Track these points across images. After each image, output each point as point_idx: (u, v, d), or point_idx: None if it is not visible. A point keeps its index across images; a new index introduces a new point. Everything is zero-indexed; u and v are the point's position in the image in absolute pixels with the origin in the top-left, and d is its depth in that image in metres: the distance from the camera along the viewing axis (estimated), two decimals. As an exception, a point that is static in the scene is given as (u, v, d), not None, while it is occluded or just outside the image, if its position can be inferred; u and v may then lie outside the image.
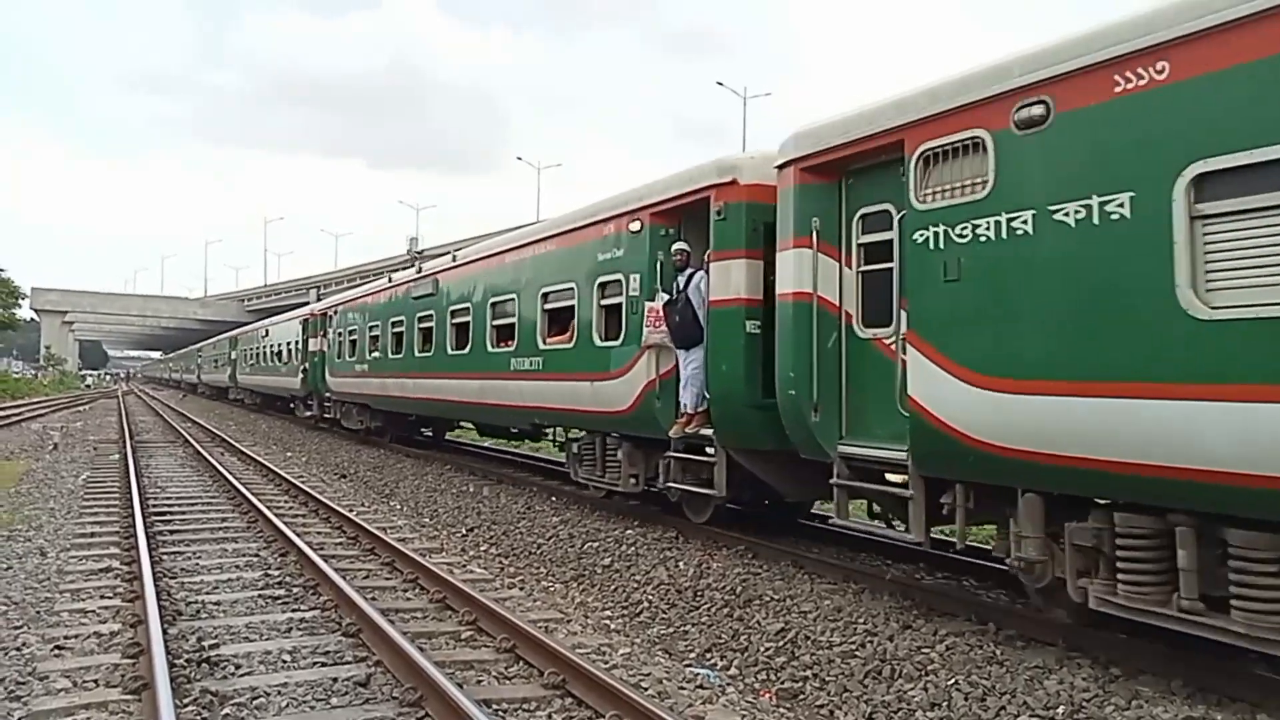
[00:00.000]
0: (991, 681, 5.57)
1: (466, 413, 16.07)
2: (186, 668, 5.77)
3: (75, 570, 8.68)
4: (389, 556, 9.28)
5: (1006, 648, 6.05)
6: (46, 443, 21.94)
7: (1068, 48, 5.39)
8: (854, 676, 5.96)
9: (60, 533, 10.54)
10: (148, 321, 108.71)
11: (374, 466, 17.95)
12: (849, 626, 6.69)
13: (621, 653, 6.55)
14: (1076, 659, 5.76)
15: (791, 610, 7.17)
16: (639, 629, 7.44)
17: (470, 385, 14.25)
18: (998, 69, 5.82)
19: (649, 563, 8.93)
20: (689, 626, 7.30)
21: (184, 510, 12.35)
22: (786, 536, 9.40)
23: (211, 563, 9.11)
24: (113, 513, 12.00)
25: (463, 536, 11.28)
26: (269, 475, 16.50)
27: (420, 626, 6.92)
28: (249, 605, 7.48)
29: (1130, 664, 5.60)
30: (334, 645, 6.37)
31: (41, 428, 27.08)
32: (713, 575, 8.22)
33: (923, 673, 5.83)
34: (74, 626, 6.82)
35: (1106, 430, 5.06)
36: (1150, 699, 5.15)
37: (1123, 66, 5.04)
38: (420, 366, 16.70)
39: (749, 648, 6.68)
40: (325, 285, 76.44)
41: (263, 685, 5.53)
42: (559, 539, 10.37)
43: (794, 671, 6.19)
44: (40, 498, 13.27)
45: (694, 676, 6.17)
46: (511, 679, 5.87)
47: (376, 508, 13.45)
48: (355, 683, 5.64)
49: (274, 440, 25.17)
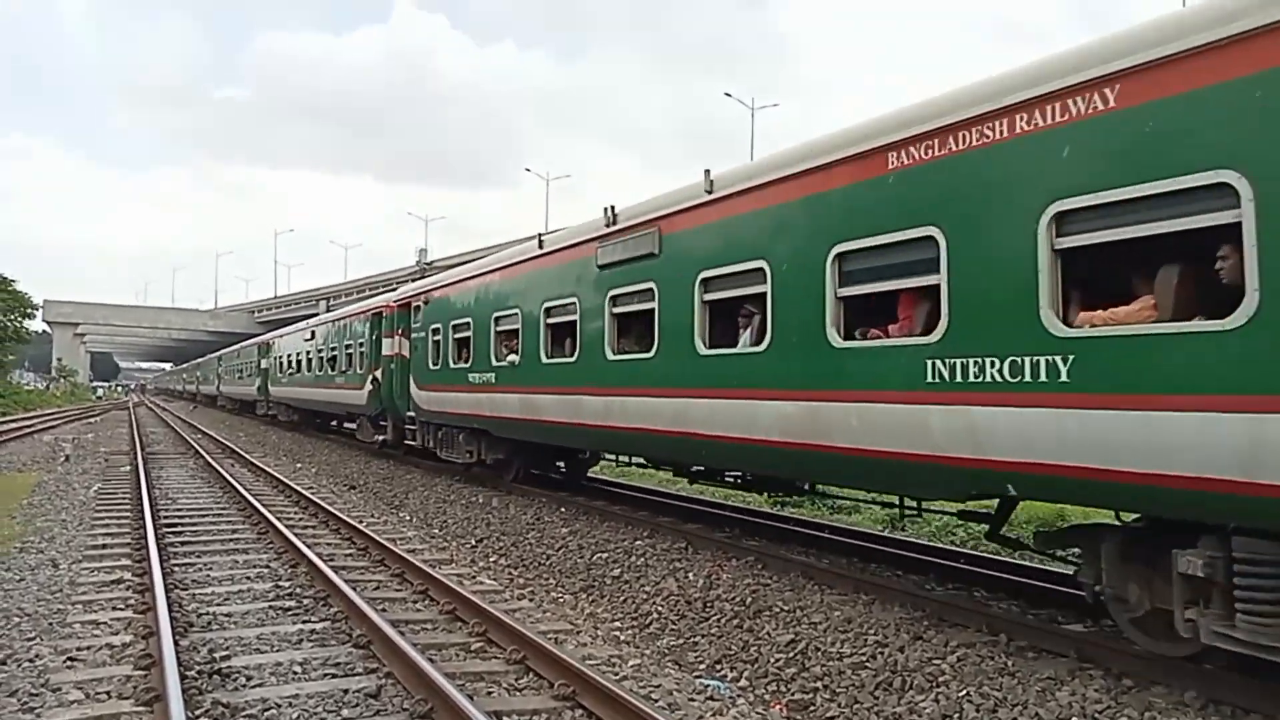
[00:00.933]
0: (1003, 693, 5.54)
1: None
2: (198, 679, 5.79)
3: (87, 582, 8.72)
4: (399, 568, 9.29)
5: (1018, 659, 6.02)
6: (58, 455, 22.05)
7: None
8: (865, 688, 5.94)
9: (72, 544, 10.59)
10: (159, 333, 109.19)
11: (383, 478, 17.97)
12: (859, 637, 6.67)
13: (631, 664, 6.55)
14: (1089, 670, 5.73)
15: (802, 621, 7.15)
16: (649, 640, 7.43)
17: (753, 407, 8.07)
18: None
19: (658, 573, 8.92)
20: (699, 638, 7.29)
21: (195, 521, 12.39)
22: (796, 546, 9.37)
23: (222, 574, 9.14)
24: (124, 524, 12.05)
25: (472, 548, 11.29)
26: (279, 486, 16.55)
27: (430, 638, 6.93)
28: (260, 617, 7.50)
29: (1143, 675, 5.57)
30: (345, 657, 6.38)
31: (54, 439, 27.23)
32: (722, 586, 8.20)
33: (934, 684, 5.80)
34: (86, 638, 6.85)
35: None
36: (1164, 710, 5.12)
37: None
38: (618, 378, 10.24)
39: (759, 659, 6.66)
40: (335, 297, 76.76)
41: (274, 697, 5.54)
42: (568, 550, 10.37)
43: (804, 683, 6.17)
44: (52, 509, 13.34)
45: (704, 688, 6.16)
46: (522, 690, 5.87)
47: (386, 519, 13.47)
48: (366, 694, 5.65)
49: (284, 452, 25.23)
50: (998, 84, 5.94)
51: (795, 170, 7.64)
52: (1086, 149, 5.32)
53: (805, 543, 9.73)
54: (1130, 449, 5.00)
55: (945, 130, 6.21)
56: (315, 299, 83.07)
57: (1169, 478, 4.81)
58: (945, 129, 6.22)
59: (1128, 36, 5.24)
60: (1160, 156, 4.93)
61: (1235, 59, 4.65)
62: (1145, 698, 5.27)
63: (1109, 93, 5.20)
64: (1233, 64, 4.66)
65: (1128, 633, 5.73)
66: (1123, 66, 5.13)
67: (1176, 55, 4.89)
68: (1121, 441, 5.04)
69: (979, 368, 5.88)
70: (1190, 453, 4.71)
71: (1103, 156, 5.23)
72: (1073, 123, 5.38)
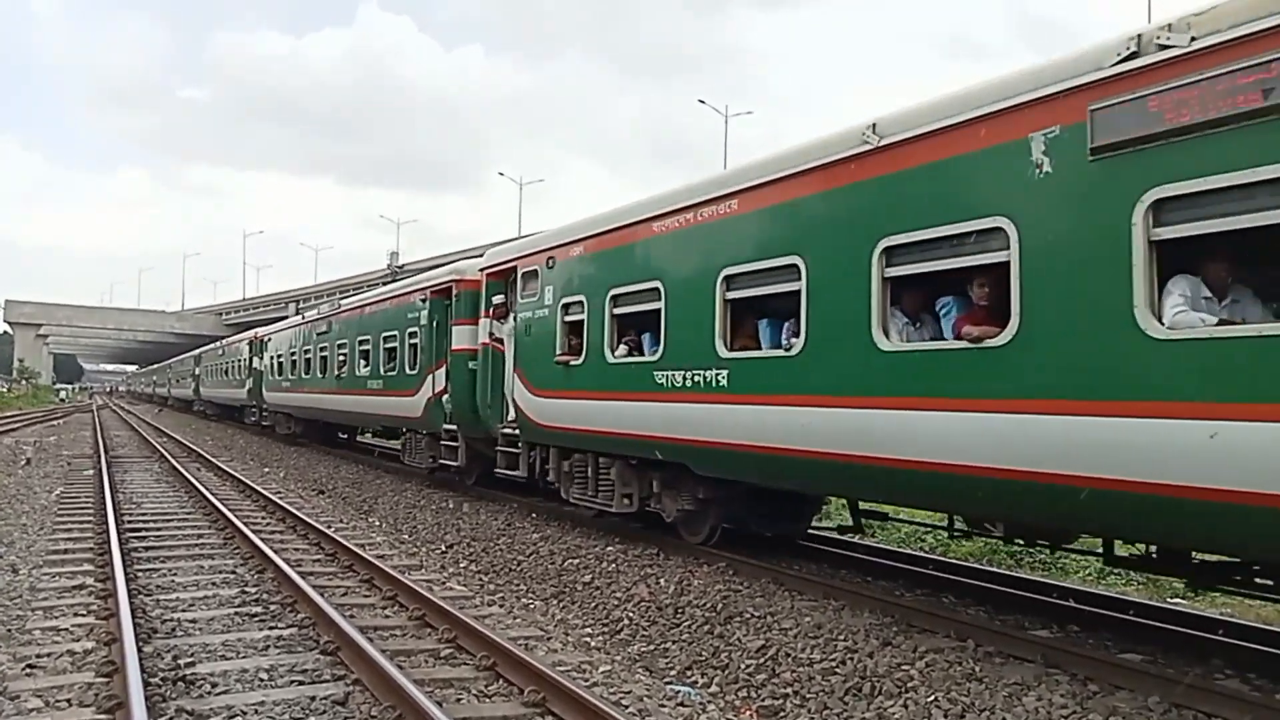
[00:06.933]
0: (971, 698, 5.59)
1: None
2: (162, 686, 5.69)
3: (48, 587, 8.55)
4: (368, 573, 9.21)
5: (985, 664, 6.08)
6: (19, 458, 21.64)
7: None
8: (834, 694, 5.97)
9: (33, 549, 10.39)
10: (123, 335, 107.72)
11: (352, 482, 17.81)
12: (829, 643, 6.70)
13: (602, 670, 6.53)
14: (1055, 675, 5.80)
15: (772, 627, 7.17)
16: (619, 646, 7.42)
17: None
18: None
19: (630, 579, 8.91)
20: (669, 644, 7.29)
21: (159, 526, 12.20)
22: (767, 554, 9.41)
23: (188, 579, 9.01)
24: (86, 529, 11.85)
25: (442, 553, 11.22)
26: (246, 491, 16.35)
27: (399, 644, 6.87)
28: (226, 623, 7.40)
29: (1107, 680, 5.65)
30: (312, 663, 6.31)
31: (14, 442, 26.72)
32: (693, 592, 8.21)
33: (902, 690, 5.84)
34: (47, 645, 6.71)
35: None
36: (1128, 715, 5.19)
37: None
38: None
39: (729, 665, 6.67)
40: (304, 300, 76.06)
41: (239, 704, 5.46)
42: (539, 556, 10.33)
43: (774, 689, 6.19)
44: (12, 514, 13.07)
45: (674, 694, 6.15)
46: (491, 697, 5.84)
47: (355, 524, 13.35)
48: (333, 701, 5.59)
49: (251, 455, 24.94)
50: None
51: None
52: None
53: (776, 549, 9.76)
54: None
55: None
56: (285, 301, 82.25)
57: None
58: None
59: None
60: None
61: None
62: (1110, 702, 5.35)
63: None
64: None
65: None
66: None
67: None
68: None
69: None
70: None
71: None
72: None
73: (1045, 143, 5.62)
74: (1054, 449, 5.50)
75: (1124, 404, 5.15)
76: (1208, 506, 4.80)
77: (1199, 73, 4.85)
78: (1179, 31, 4.97)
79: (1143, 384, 5.10)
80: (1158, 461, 4.96)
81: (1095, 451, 5.28)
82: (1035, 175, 5.67)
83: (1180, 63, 4.96)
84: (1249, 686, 5.62)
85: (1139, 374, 5.12)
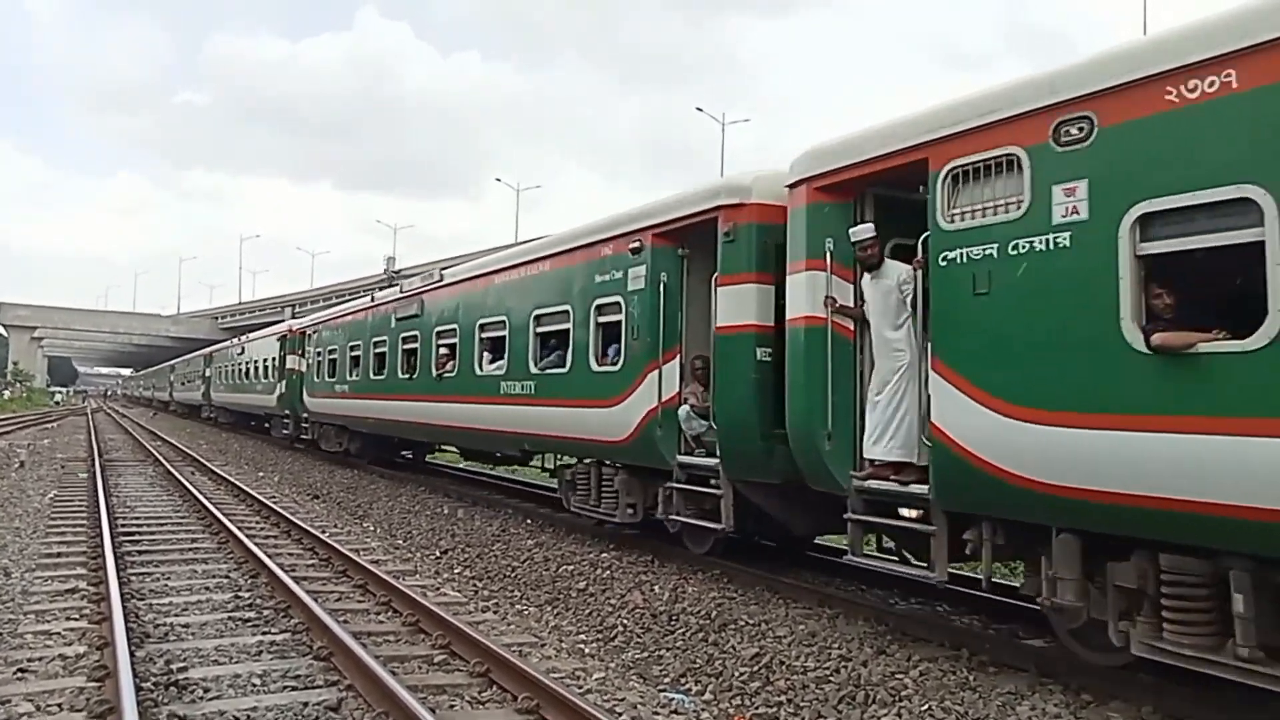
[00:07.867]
0: (965, 707, 5.59)
1: None
2: (154, 691, 5.67)
3: (40, 591, 8.52)
4: (362, 579, 9.19)
5: (979, 674, 6.08)
6: (13, 461, 21.57)
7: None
8: (828, 702, 5.97)
9: (25, 553, 10.35)
10: (119, 338, 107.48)
11: (347, 487, 17.78)
12: (823, 652, 6.70)
13: (596, 677, 6.52)
14: (1049, 685, 5.80)
15: (766, 635, 7.17)
16: (614, 653, 7.40)
17: None
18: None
19: (624, 586, 8.90)
20: (664, 651, 7.28)
21: (153, 530, 12.16)
22: (762, 562, 9.40)
23: (181, 584, 8.98)
24: (80, 532, 11.81)
25: (436, 559, 11.20)
26: (240, 495, 16.31)
27: (393, 650, 6.85)
28: (219, 628, 7.38)
29: (1102, 690, 5.65)
30: (305, 669, 6.29)
31: (8, 445, 26.62)
32: (688, 599, 8.20)
33: (896, 699, 5.84)
34: (38, 649, 6.69)
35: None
36: (1121, 725, 5.19)
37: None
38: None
39: (724, 672, 6.66)
40: (300, 304, 75.99)
41: (232, 710, 5.45)
42: (534, 562, 10.32)
43: (768, 697, 6.18)
44: (5, 517, 13.02)
45: (668, 701, 6.14)
46: (485, 704, 5.82)
47: (350, 529, 13.32)
48: (326, 707, 5.57)
49: (246, 460, 24.89)
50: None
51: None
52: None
53: (771, 557, 9.76)
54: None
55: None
56: (280, 306, 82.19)
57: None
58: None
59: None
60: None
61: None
62: (1104, 712, 5.35)
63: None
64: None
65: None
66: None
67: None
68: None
69: None
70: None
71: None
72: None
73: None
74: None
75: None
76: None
77: None
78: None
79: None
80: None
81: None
82: None
83: None
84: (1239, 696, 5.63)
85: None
